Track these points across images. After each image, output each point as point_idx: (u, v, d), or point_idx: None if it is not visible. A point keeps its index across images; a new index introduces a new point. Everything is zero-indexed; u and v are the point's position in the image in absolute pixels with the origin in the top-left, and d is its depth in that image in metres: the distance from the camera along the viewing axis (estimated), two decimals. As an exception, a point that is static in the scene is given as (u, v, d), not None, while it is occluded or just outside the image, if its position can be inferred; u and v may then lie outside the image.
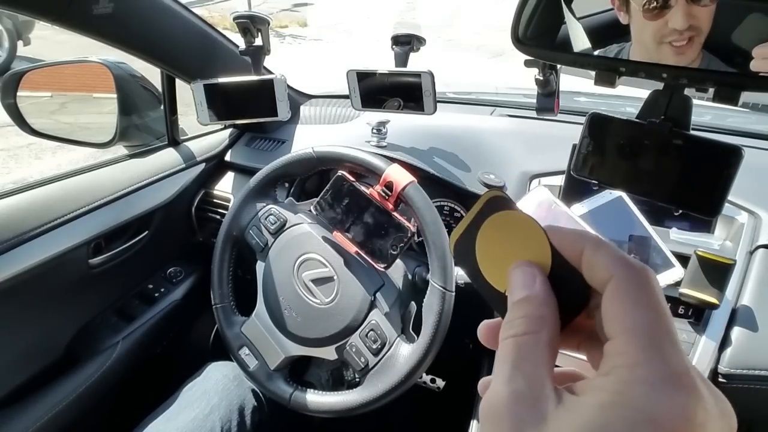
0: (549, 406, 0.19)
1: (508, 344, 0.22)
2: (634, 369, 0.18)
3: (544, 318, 0.22)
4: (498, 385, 0.21)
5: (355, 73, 1.02)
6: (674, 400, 0.17)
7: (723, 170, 0.45)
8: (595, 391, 0.19)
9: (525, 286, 0.23)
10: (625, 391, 0.18)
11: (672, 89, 0.46)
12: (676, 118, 0.46)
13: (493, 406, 0.20)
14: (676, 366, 0.18)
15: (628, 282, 0.20)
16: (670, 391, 0.17)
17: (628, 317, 0.19)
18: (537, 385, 0.20)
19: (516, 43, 0.47)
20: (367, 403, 0.80)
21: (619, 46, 0.49)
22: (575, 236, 0.23)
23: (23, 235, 0.84)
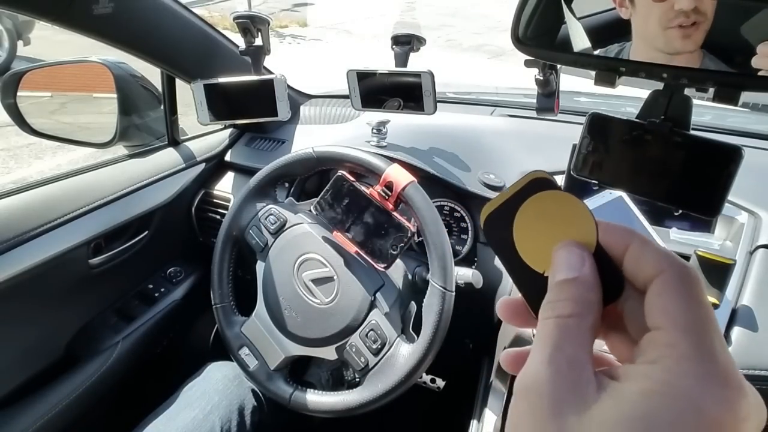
0: (590, 390, 0.19)
1: (549, 324, 0.21)
2: (683, 362, 0.18)
3: (591, 302, 0.21)
4: (538, 364, 0.20)
5: (355, 73, 1.02)
6: (722, 393, 0.18)
7: (723, 170, 0.45)
8: (640, 379, 0.19)
9: (573, 267, 0.22)
10: (672, 382, 0.18)
11: (672, 89, 0.46)
12: (676, 118, 0.46)
13: (533, 385, 0.20)
14: (725, 363, 0.18)
15: (679, 278, 0.20)
16: (718, 385, 0.18)
17: (680, 311, 0.20)
18: (578, 368, 0.20)
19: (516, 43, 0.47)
20: (367, 403, 0.80)
21: (619, 45, 0.49)
22: (622, 231, 0.23)
23: (23, 235, 0.84)
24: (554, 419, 0.19)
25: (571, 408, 0.19)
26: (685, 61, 0.44)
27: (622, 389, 0.19)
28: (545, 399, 0.19)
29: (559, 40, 0.50)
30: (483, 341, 0.97)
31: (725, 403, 0.17)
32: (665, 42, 0.45)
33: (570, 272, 0.22)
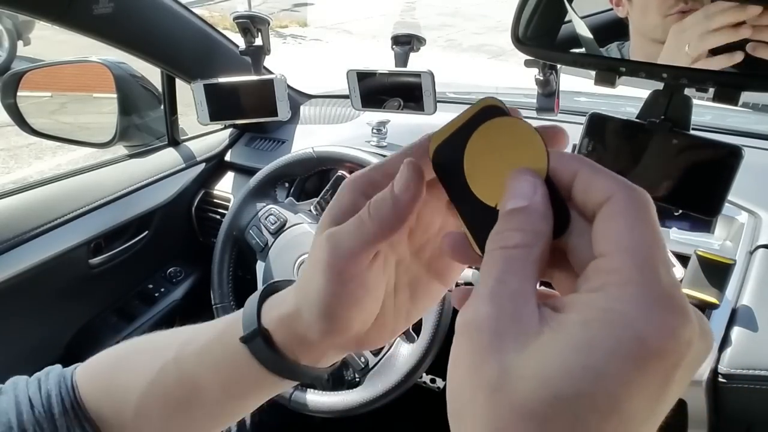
0: (532, 323, 0.18)
1: (495, 256, 0.20)
2: (626, 287, 0.17)
3: (540, 232, 0.20)
4: (480, 298, 0.19)
5: (355, 73, 1.02)
6: (664, 319, 0.17)
7: (723, 170, 0.45)
8: (582, 308, 0.18)
9: (523, 196, 0.21)
10: (614, 308, 0.17)
11: (672, 89, 0.46)
12: (676, 118, 0.46)
13: (473, 321, 0.19)
14: (668, 286, 0.17)
15: (628, 201, 0.19)
16: (660, 310, 0.17)
17: (626, 235, 0.19)
18: (521, 302, 0.19)
19: (516, 43, 0.47)
20: (367, 402, 0.80)
21: (619, 44, 0.49)
22: (571, 157, 0.22)
23: (23, 235, 0.84)
24: (494, 354, 0.18)
25: (512, 342, 0.18)
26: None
27: (564, 319, 0.18)
28: (485, 334, 0.19)
29: (559, 40, 0.50)
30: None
31: (666, 329, 0.17)
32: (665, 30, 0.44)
33: (520, 201, 0.21)
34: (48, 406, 0.34)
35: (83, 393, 0.35)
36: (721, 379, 0.70)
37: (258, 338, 0.30)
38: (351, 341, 0.29)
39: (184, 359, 0.33)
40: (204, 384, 0.32)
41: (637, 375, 0.16)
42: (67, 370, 0.36)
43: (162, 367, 0.33)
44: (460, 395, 0.19)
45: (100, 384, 0.35)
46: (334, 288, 0.26)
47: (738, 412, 0.73)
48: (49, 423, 0.33)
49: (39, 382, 0.35)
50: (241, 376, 0.31)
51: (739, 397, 0.71)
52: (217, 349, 0.32)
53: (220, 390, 0.32)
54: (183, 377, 0.33)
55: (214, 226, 1.14)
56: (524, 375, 0.17)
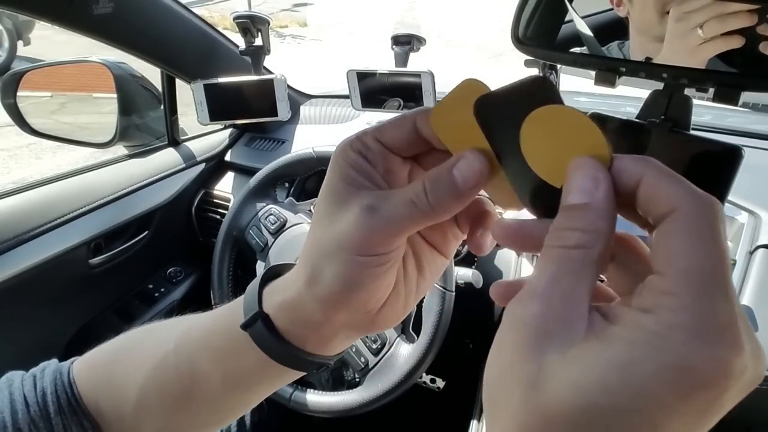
0: (579, 328, 0.18)
1: (552, 254, 0.20)
2: (678, 314, 0.17)
3: (600, 233, 0.19)
4: (532, 294, 0.19)
5: (355, 73, 1.02)
6: (714, 351, 0.16)
7: (723, 170, 0.45)
8: (631, 326, 0.17)
9: (586, 192, 0.20)
10: (663, 334, 0.17)
11: (672, 89, 0.46)
12: (676, 118, 0.46)
13: (521, 315, 0.19)
14: (724, 316, 0.17)
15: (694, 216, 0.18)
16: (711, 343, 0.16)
17: (686, 256, 0.17)
18: (573, 304, 0.18)
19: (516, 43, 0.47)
20: (366, 402, 0.80)
21: (619, 43, 0.49)
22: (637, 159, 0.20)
23: (23, 235, 0.84)
24: (537, 352, 0.18)
25: (557, 344, 0.18)
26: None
27: (611, 333, 0.18)
28: (531, 330, 0.18)
29: (559, 40, 0.50)
30: (483, 341, 0.97)
31: (714, 362, 0.16)
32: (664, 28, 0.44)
33: (582, 196, 0.20)
34: (43, 405, 0.33)
35: (81, 388, 0.34)
36: (721, 379, 0.70)
37: (259, 323, 0.28)
38: (363, 322, 0.28)
39: (184, 350, 0.32)
40: (204, 375, 0.31)
41: (678, 402, 0.16)
42: (64, 364, 0.36)
43: (162, 359, 0.32)
44: (498, 384, 0.19)
45: (98, 378, 0.35)
46: (360, 262, 0.25)
47: (738, 412, 0.73)
48: (45, 422, 0.33)
49: (34, 379, 0.34)
50: (243, 366, 0.30)
51: (739, 397, 0.70)
52: (218, 338, 0.31)
53: (221, 381, 0.31)
54: (182, 369, 0.32)
55: (214, 226, 1.14)
56: (562, 379, 0.17)
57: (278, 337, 0.28)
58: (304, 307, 0.27)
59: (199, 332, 0.32)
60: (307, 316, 0.28)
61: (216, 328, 0.31)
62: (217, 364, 0.31)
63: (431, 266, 0.30)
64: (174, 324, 0.35)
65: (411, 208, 0.24)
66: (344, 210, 0.25)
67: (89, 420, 0.33)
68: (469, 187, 0.24)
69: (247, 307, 0.29)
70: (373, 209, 0.24)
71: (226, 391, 0.31)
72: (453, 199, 0.24)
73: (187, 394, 0.32)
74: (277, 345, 0.28)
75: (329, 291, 0.26)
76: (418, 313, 0.82)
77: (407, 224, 0.24)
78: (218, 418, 0.34)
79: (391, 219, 0.24)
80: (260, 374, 0.30)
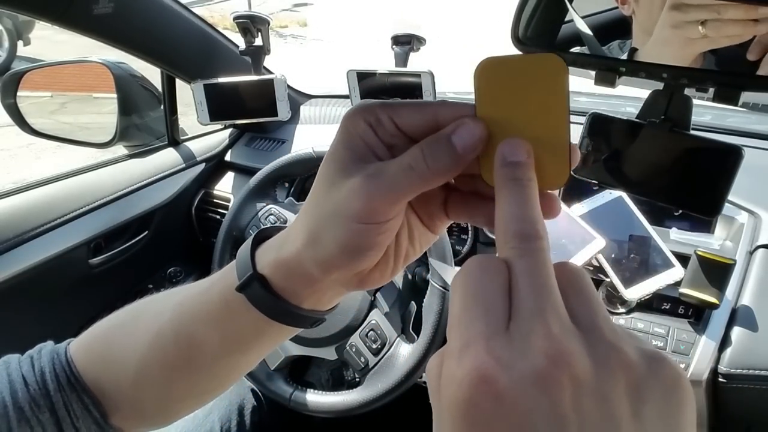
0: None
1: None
2: None
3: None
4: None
5: (355, 73, 1.02)
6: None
7: (723, 170, 0.45)
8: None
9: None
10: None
11: (672, 89, 0.46)
12: (676, 118, 0.46)
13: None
14: None
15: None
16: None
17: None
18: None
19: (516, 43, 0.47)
20: (367, 402, 0.80)
21: (620, 42, 0.49)
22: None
23: (23, 235, 0.84)
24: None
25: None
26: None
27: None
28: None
29: (559, 40, 0.50)
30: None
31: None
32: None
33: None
34: (43, 383, 0.33)
35: (80, 365, 0.34)
36: (721, 379, 0.70)
37: (255, 284, 0.29)
38: (353, 280, 0.28)
39: (181, 319, 0.32)
40: (203, 339, 0.31)
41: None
42: (60, 345, 0.36)
43: (159, 329, 0.33)
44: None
45: (96, 355, 0.35)
46: (360, 229, 0.26)
47: (738, 412, 0.73)
48: (45, 399, 0.33)
49: (32, 360, 0.35)
50: (239, 328, 0.31)
51: (739, 397, 0.71)
52: (214, 301, 0.31)
53: (220, 344, 0.31)
54: (180, 337, 0.32)
55: (214, 226, 1.14)
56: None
57: (274, 296, 0.29)
58: (300, 265, 0.28)
59: (194, 300, 0.32)
60: (304, 273, 0.28)
61: (210, 294, 0.32)
62: (214, 329, 0.31)
63: (422, 238, 0.31)
64: (168, 296, 0.35)
65: (409, 173, 0.25)
66: (346, 178, 0.26)
67: (89, 395, 0.33)
68: (468, 153, 0.24)
69: (240, 270, 0.30)
70: (373, 178, 0.25)
71: (224, 355, 0.32)
72: (451, 162, 0.25)
73: (186, 361, 0.32)
74: (274, 303, 0.29)
75: (328, 254, 0.27)
76: (418, 313, 0.82)
77: (406, 190, 0.25)
78: (216, 384, 0.34)
79: (390, 186, 0.25)
80: (257, 334, 0.31)
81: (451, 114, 0.26)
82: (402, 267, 0.31)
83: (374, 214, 0.25)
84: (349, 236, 0.26)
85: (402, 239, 0.30)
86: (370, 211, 0.25)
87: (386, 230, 0.26)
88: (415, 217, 0.30)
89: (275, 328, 0.30)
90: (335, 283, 0.29)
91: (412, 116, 0.26)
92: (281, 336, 0.32)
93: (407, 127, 0.26)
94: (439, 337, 0.78)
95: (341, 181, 0.26)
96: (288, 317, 0.30)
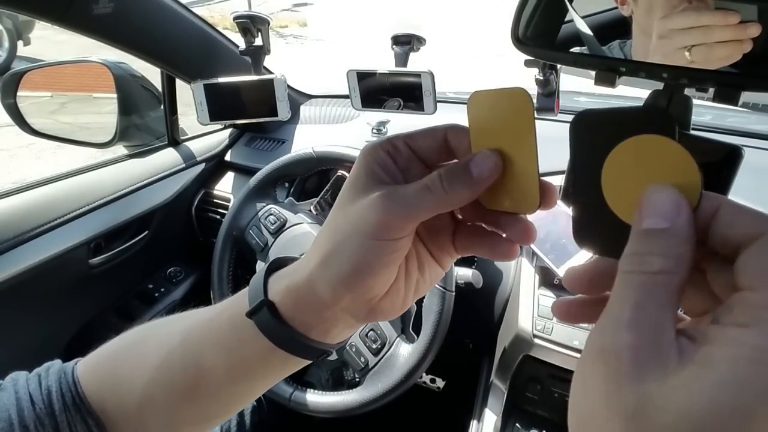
0: (672, 355, 0.18)
1: (633, 280, 0.19)
2: None
3: (683, 258, 0.19)
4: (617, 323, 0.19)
5: (355, 73, 1.02)
6: None
7: (723, 170, 0.45)
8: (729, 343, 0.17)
9: (667, 216, 0.20)
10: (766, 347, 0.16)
11: (672, 89, 0.46)
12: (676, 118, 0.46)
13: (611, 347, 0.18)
14: None
15: None
16: None
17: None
18: (661, 331, 0.18)
19: (516, 43, 0.47)
20: (366, 402, 0.80)
21: (621, 42, 0.49)
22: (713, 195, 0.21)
23: (23, 235, 0.84)
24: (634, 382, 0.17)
25: (653, 372, 0.17)
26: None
27: (709, 354, 0.17)
28: (624, 361, 0.18)
29: (559, 40, 0.50)
30: (483, 341, 0.97)
31: None
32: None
33: (662, 221, 0.20)
34: (48, 402, 0.33)
35: (85, 387, 0.34)
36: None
37: (264, 310, 0.29)
38: (364, 309, 0.29)
39: (189, 344, 0.32)
40: (210, 366, 0.31)
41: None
42: (68, 365, 0.36)
43: (166, 354, 0.33)
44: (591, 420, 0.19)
45: (102, 377, 0.35)
46: (373, 246, 0.26)
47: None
48: (50, 419, 0.33)
49: (39, 378, 0.35)
50: (247, 356, 0.31)
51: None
52: (223, 327, 0.32)
53: (226, 371, 0.31)
54: (188, 362, 0.32)
55: (214, 226, 1.14)
56: (666, 407, 0.17)
57: (283, 323, 0.29)
58: (312, 289, 0.28)
59: (203, 325, 0.33)
60: (314, 299, 0.29)
61: (220, 320, 0.32)
62: (221, 356, 0.31)
63: (431, 271, 0.32)
64: (177, 320, 0.35)
65: (425, 193, 0.26)
66: (363, 197, 0.27)
67: (93, 418, 0.33)
68: (483, 179, 0.26)
69: (252, 296, 0.31)
70: (390, 195, 0.26)
71: (230, 382, 0.32)
72: (465, 187, 0.26)
73: (193, 387, 0.32)
74: (282, 331, 0.29)
75: (340, 272, 0.27)
76: (418, 313, 0.82)
77: (421, 208, 0.26)
78: (222, 411, 0.34)
79: (407, 203, 0.26)
80: (264, 363, 0.31)
81: (458, 137, 0.28)
82: (414, 299, 0.32)
83: (389, 230, 0.26)
84: (362, 253, 0.27)
85: (412, 269, 0.31)
86: (385, 225, 0.26)
87: (397, 249, 0.27)
88: (424, 249, 0.31)
89: (281, 357, 0.30)
90: (345, 312, 0.29)
91: (424, 140, 0.29)
92: (287, 367, 0.32)
93: (421, 150, 0.29)
94: (439, 337, 0.78)
95: (359, 199, 0.27)
96: (294, 346, 0.30)
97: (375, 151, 0.28)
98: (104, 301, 1.04)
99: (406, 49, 1.01)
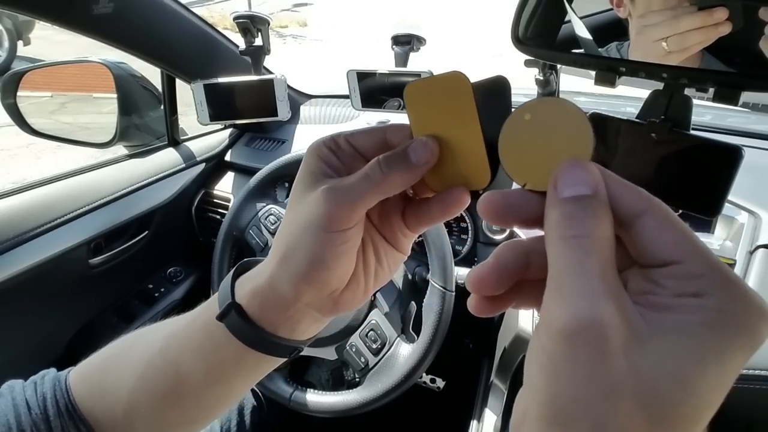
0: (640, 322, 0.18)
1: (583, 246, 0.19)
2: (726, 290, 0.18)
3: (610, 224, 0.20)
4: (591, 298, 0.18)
5: (355, 73, 1.02)
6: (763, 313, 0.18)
7: (723, 170, 0.45)
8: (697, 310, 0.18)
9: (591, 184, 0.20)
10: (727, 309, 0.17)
11: (672, 89, 0.46)
12: (676, 118, 0.46)
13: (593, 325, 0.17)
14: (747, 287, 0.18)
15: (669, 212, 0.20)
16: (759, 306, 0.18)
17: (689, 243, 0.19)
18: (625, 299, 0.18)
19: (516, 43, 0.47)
20: (367, 402, 0.80)
21: (618, 44, 0.49)
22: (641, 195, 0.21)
23: (23, 235, 0.84)
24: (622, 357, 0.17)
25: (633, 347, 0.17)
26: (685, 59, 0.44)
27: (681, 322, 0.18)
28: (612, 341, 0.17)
29: (559, 40, 0.50)
30: (483, 341, 0.97)
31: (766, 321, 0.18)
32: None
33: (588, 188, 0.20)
34: (44, 409, 0.35)
35: (76, 395, 0.36)
36: (721, 379, 0.70)
37: (233, 313, 0.30)
38: (327, 303, 0.30)
39: (168, 348, 0.34)
40: (187, 371, 0.33)
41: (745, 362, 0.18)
42: (62, 373, 0.38)
43: (149, 361, 0.34)
44: (578, 401, 0.17)
45: (91, 385, 0.36)
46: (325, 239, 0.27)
47: (738, 412, 0.73)
48: (45, 424, 0.34)
49: (35, 386, 0.36)
50: (222, 357, 0.32)
51: (739, 397, 0.70)
52: (198, 333, 0.33)
53: (203, 375, 0.32)
54: (168, 368, 0.33)
55: (214, 226, 1.14)
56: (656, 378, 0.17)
57: (251, 324, 0.30)
58: (274, 289, 0.29)
59: (180, 332, 0.34)
60: (277, 298, 0.30)
61: (195, 326, 0.33)
62: (198, 360, 0.32)
63: (388, 257, 0.32)
64: (159, 327, 0.37)
65: (366, 180, 0.27)
66: (310, 193, 0.28)
67: (85, 425, 0.35)
68: (421, 164, 0.27)
69: (221, 300, 0.32)
70: (333, 187, 0.27)
71: (208, 385, 0.33)
72: (403, 171, 0.27)
73: (174, 391, 0.33)
74: (252, 332, 0.30)
75: (298, 269, 0.28)
76: (418, 313, 0.82)
77: (363, 195, 0.27)
78: (204, 414, 0.35)
79: (348, 193, 0.27)
80: (239, 365, 0.32)
81: (397, 134, 0.29)
82: (374, 288, 0.33)
83: (336, 221, 0.27)
84: (316, 246, 0.27)
85: (369, 258, 0.31)
86: (331, 217, 0.27)
87: (347, 239, 0.28)
88: (379, 236, 0.32)
89: (255, 357, 0.31)
90: (309, 307, 0.30)
91: (365, 138, 0.30)
92: (261, 367, 0.33)
93: (362, 147, 0.29)
94: (439, 337, 0.78)
95: (307, 196, 0.28)
96: (265, 345, 0.31)
97: (319, 148, 0.29)
98: (104, 301, 1.04)
99: (406, 49, 1.01)
